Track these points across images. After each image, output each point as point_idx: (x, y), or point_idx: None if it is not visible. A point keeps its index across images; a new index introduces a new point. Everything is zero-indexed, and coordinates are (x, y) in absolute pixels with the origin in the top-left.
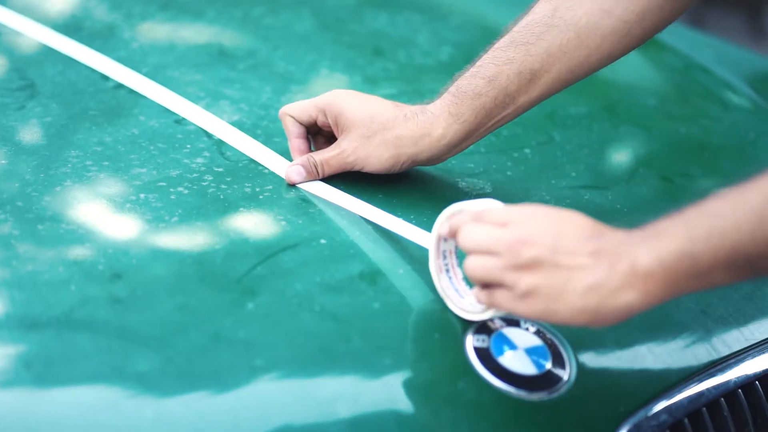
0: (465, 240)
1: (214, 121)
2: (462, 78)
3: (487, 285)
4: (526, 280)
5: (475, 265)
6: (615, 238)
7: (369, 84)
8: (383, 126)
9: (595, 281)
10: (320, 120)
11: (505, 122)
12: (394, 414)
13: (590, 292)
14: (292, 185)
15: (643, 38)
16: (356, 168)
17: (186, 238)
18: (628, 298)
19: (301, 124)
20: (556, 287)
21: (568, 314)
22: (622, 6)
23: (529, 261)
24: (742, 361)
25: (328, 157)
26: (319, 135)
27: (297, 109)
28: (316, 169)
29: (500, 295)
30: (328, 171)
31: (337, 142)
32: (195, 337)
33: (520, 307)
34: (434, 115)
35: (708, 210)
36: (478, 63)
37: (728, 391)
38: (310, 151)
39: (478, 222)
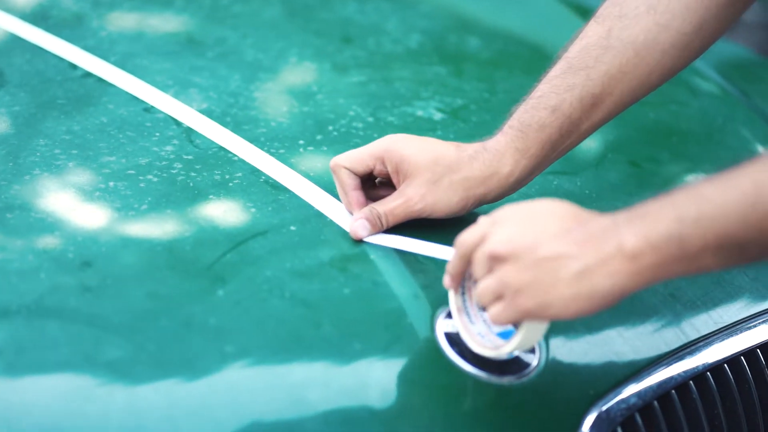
0: (454, 258)
1: (183, 109)
2: (522, 111)
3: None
4: (513, 280)
5: (481, 287)
6: (599, 222)
7: (338, 72)
8: (449, 169)
9: (583, 266)
10: (377, 169)
11: (567, 151)
12: (365, 399)
13: (579, 278)
14: (359, 240)
15: (702, 49)
16: (423, 215)
17: (156, 226)
18: (618, 279)
19: (356, 175)
20: (545, 280)
21: (561, 304)
22: (679, 19)
23: (513, 262)
24: (710, 344)
25: (393, 206)
26: (368, 181)
27: (351, 160)
28: (380, 220)
29: (497, 306)
30: (393, 221)
31: (400, 189)
32: (166, 324)
33: (513, 310)
34: (500, 152)
35: (697, 193)
36: (537, 94)
37: (697, 374)
38: (368, 201)
39: (464, 245)
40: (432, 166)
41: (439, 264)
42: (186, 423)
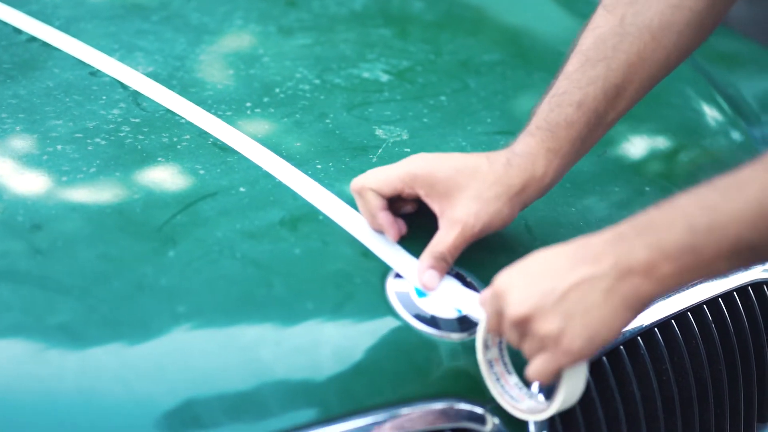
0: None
1: (129, 72)
2: (547, 110)
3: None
4: (547, 330)
5: (526, 353)
6: (599, 239)
7: (283, 34)
8: (489, 181)
9: (608, 281)
10: (406, 192)
11: (594, 144)
12: (317, 357)
13: (610, 294)
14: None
15: (715, 24)
16: (482, 236)
17: (105, 189)
18: (643, 288)
19: (382, 197)
20: (578, 311)
21: (606, 325)
22: None
23: (539, 314)
24: (657, 300)
25: (453, 239)
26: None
27: (378, 182)
28: (446, 261)
29: (540, 359)
30: (457, 254)
31: (447, 217)
32: (117, 286)
33: (562, 357)
34: (532, 154)
35: (706, 202)
36: (558, 91)
37: (644, 331)
38: (396, 217)
39: (489, 317)
40: (470, 181)
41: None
42: (139, 383)
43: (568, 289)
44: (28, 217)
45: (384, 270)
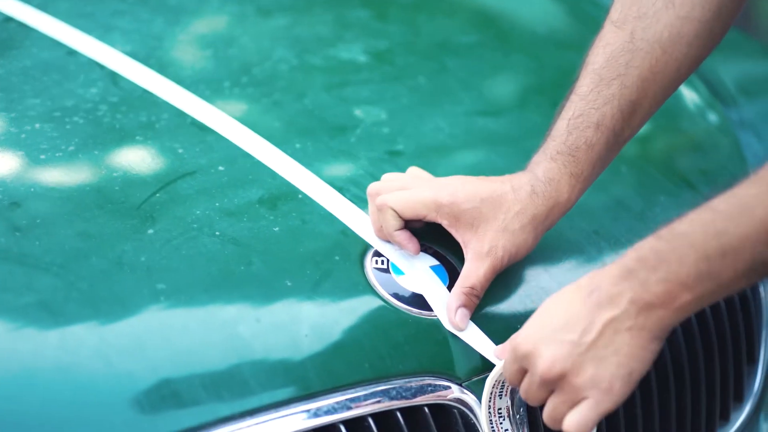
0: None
1: (107, 51)
2: (566, 133)
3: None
4: (585, 382)
5: (552, 409)
6: (610, 277)
7: (262, 15)
8: (514, 212)
9: (629, 319)
10: (429, 218)
11: (609, 163)
12: (296, 334)
13: (635, 331)
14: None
15: (723, 33)
16: (508, 266)
17: (84, 167)
18: (665, 321)
19: (401, 218)
20: (609, 355)
21: (639, 361)
22: (699, 7)
23: (571, 370)
24: None
25: (483, 274)
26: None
27: (401, 204)
28: (476, 296)
29: (582, 408)
30: (486, 287)
31: (475, 251)
32: (96, 263)
33: (606, 397)
34: (555, 180)
35: (714, 229)
36: (575, 113)
37: None
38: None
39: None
40: (496, 212)
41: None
42: (119, 359)
43: (595, 338)
44: (7, 195)
45: (363, 248)
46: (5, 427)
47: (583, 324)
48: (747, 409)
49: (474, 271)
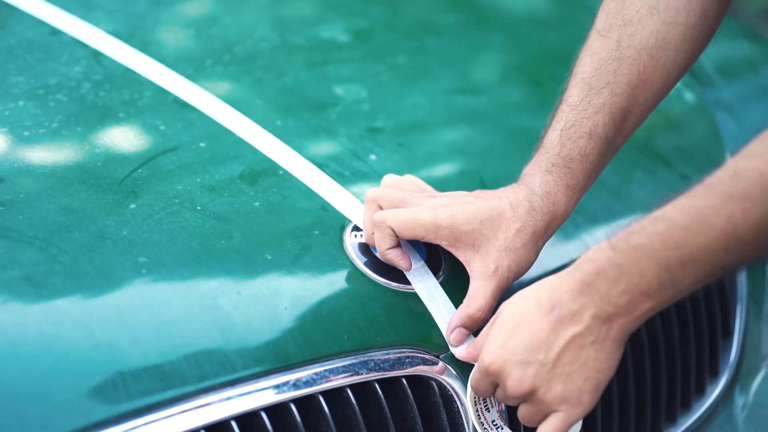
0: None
1: (90, 30)
2: (558, 145)
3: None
4: (554, 395)
5: (525, 416)
6: (569, 290)
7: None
8: (515, 230)
9: (592, 334)
10: (428, 239)
11: (602, 171)
12: (277, 307)
13: (599, 343)
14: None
15: (709, 36)
16: (512, 283)
17: (67, 143)
18: (627, 327)
19: (398, 237)
20: (575, 368)
21: (605, 370)
22: (683, 12)
23: (541, 386)
24: None
25: (492, 293)
26: None
27: (399, 224)
28: (479, 319)
29: (554, 419)
30: (494, 305)
31: (480, 272)
32: (79, 237)
33: (576, 409)
34: (551, 193)
35: (673, 242)
36: (567, 124)
37: None
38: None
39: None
40: (496, 232)
41: None
42: (101, 331)
43: (559, 354)
44: None
45: (342, 223)
46: None
47: (548, 342)
48: (722, 382)
49: (481, 290)
